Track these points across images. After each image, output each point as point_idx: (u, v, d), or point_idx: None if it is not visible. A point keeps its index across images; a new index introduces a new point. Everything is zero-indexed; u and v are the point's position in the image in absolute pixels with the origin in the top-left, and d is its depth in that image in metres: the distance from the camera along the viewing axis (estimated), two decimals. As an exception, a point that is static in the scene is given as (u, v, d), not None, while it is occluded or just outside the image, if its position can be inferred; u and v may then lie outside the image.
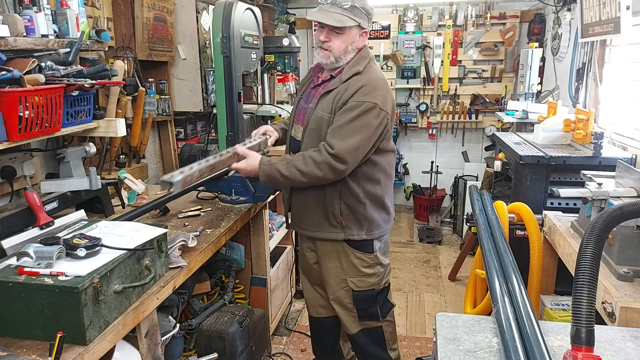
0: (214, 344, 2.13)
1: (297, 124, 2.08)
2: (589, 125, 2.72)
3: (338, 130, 1.84)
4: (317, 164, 1.82)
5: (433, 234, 4.69)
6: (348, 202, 1.98)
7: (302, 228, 2.10)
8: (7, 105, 1.52)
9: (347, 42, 1.91)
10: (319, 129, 1.91)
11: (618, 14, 2.61)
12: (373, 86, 1.88)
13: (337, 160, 1.81)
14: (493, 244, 2.00)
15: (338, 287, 2.09)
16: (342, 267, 2.06)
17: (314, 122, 1.93)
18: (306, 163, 1.83)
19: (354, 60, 1.95)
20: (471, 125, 5.06)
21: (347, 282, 2.07)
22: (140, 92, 2.52)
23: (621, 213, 1.23)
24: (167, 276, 1.61)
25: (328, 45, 1.91)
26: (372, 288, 2.09)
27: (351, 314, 2.13)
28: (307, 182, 1.89)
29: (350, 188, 1.96)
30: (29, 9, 1.77)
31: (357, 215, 2.00)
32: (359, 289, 2.07)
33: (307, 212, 2.05)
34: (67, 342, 1.20)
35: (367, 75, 1.91)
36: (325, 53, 1.93)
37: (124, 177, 2.41)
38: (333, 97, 1.90)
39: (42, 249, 1.31)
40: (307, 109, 2.02)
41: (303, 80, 2.21)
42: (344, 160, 1.81)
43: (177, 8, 2.92)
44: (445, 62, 4.91)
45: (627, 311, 1.40)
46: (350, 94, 1.85)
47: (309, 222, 2.05)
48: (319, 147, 1.85)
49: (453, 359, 1.15)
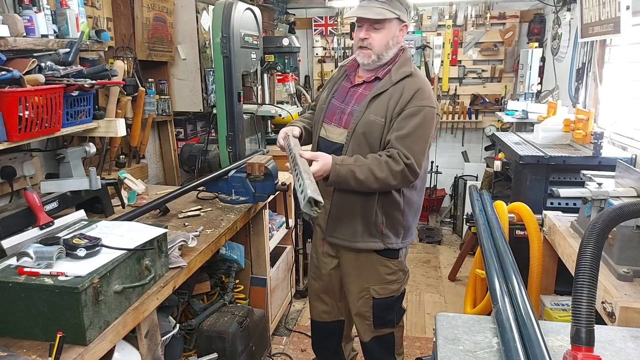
0: (214, 344, 2.13)
1: (332, 125, 1.96)
2: (588, 125, 2.72)
3: (404, 139, 1.76)
4: (394, 172, 1.75)
5: (433, 234, 4.69)
6: (389, 211, 1.92)
7: (340, 238, 1.99)
8: (7, 106, 1.52)
9: (388, 37, 1.83)
10: (370, 133, 1.83)
11: (618, 13, 2.61)
12: (428, 89, 1.83)
13: (411, 171, 1.76)
14: (493, 244, 2.00)
15: (357, 296, 2.05)
16: (366, 274, 2.01)
17: (363, 126, 1.83)
18: (382, 169, 1.74)
19: (402, 60, 1.89)
20: (471, 125, 5.06)
21: (370, 290, 2.03)
22: (140, 92, 2.52)
23: (621, 213, 1.23)
24: (167, 276, 1.61)
25: (368, 43, 1.83)
26: (392, 295, 2.06)
27: (366, 322, 2.09)
28: (377, 189, 1.82)
29: (392, 196, 1.90)
30: (29, 9, 1.77)
31: (395, 223, 1.95)
32: (379, 297, 2.03)
33: (349, 221, 1.95)
34: (67, 342, 1.20)
35: (419, 77, 1.86)
36: (366, 52, 1.85)
37: (124, 177, 2.41)
38: (387, 101, 1.81)
39: (42, 249, 1.31)
40: (349, 110, 1.92)
41: (333, 77, 2.10)
42: (416, 171, 1.78)
43: (177, 8, 2.92)
44: (445, 62, 4.91)
45: (627, 311, 1.40)
46: (407, 98, 1.78)
47: (349, 232, 1.95)
48: (391, 154, 1.75)
49: (453, 359, 1.15)
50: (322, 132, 2.00)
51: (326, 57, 5.12)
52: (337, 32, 5.02)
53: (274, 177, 2.42)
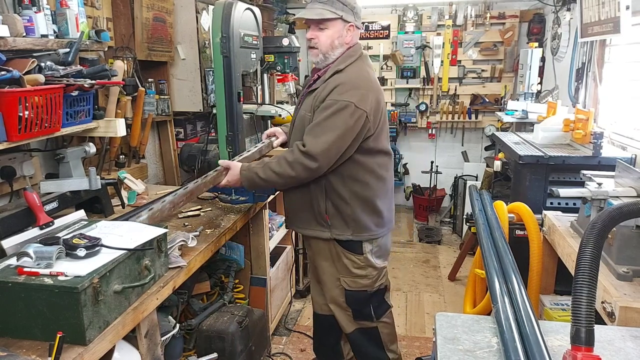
0: (213, 344, 2.13)
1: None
2: (588, 125, 2.72)
3: (312, 129, 1.85)
4: (290, 163, 1.84)
5: (433, 234, 4.70)
6: (334, 202, 1.99)
7: (295, 225, 2.16)
8: (7, 106, 1.52)
9: (333, 37, 1.91)
10: (302, 128, 1.93)
11: (617, 13, 2.61)
12: (352, 84, 1.86)
13: (309, 159, 1.82)
14: (493, 244, 2.00)
15: (332, 285, 2.12)
16: (335, 266, 2.09)
17: (298, 121, 1.99)
18: (280, 164, 1.86)
19: (341, 59, 1.95)
20: (471, 125, 5.06)
21: (340, 281, 2.09)
22: (139, 92, 2.52)
23: (621, 213, 1.23)
24: (167, 276, 1.61)
25: (315, 42, 1.93)
26: (365, 289, 2.09)
27: (346, 313, 2.15)
28: (284, 183, 1.92)
29: (335, 188, 1.97)
30: (29, 9, 1.77)
31: (343, 215, 1.99)
32: (351, 289, 2.09)
33: (297, 210, 2.10)
34: (67, 342, 1.20)
35: (347, 74, 1.90)
36: (314, 51, 1.96)
37: (124, 177, 2.41)
38: (313, 96, 1.93)
39: (42, 249, 1.31)
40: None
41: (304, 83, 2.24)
42: (315, 158, 1.81)
43: (177, 8, 2.92)
44: (445, 62, 4.91)
45: (626, 311, 1.40)
46: (327, 92, 1.86)
47: (299, 220, 2.11)
48: (292, 147, 1.89)
49: (452, 358, 1.15)
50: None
51: (326, 57, 5.12)
52: (337, 32, 5.01)
53: (273, 177, 2.42)
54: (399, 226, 5.03)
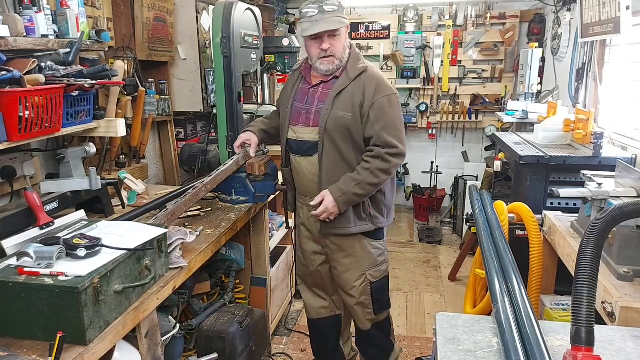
0: (214, 344, 2.13)
1: (300, 126, 2.07)
2: (588, 125, 2.72)
3: (387, 129, 1.93)
4: (386, 170, 1.95)
5: (433, 234, 4.70)
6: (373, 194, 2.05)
7: (336, 227, 2.07)
8: (7, 106, 1.52)
9: (343, 42, 1.98)
10: (339, 128, 1.95)
11: (618, 14, 2.61)
12: (382, 78, 1.99)
13: (400, 157, 1.96)
14: (493, 244, 2.00)
15: (358, 283, 2.14)
16: (361, 262, 2.12)
17: (332, 122, 1.95)
18: (376, 175, 1.93)
19: (353, 58, 2.01)
20: (471, 126, 5.06)
21: (367, 276, 2.13)
22: (140, 92, 2.52)
23: (621, 213, 1.23)
24: (167, 276, 1.61)
25: (332, 51, 1.94)
26: (384, 276, 2.21)
27: (367, 310, 2.19)
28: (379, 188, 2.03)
29: None
30: (29, 9, 1.77)
31: (379, 204, 2.08)
32: (375, 280, 2.16)
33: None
34: (67, 342, 1.20)
35: (372, 71, 2.00)
36: (330, 59, 1.96)
37: (124, 177, 2.41)
38: (350, 97, 1.95)
39: (42, 249, 1.31)
40: (314, 109, 2.02)
41: (289, 81, 2.20)
42: (403, 153, 1.97)
43: (177, 8, 2.92)
44: (445, 62, 4.91)
45: (627, 311, 1.40)
46: (372, 92, 1.93)
47: (342, 221, 2.05)
48: (377, 154, 1.93)
49: (453, 359, 1.15)
50: (291, 134, 2.10)
51: (326, 57, 5.12)
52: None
53: (274, 177, 2.42)
54: (400, 226, 5.03)
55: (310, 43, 1.96)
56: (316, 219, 2.03)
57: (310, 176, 2.08)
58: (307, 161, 2.06)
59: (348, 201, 1.95)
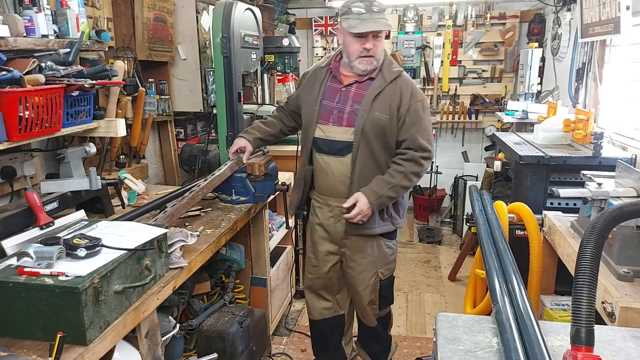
0: (214, 344, 2.13)
1: (330, 124, 2.04)
2: (588, 125, 2.72)
3: (420, 132, 1.98)
4: (418, 173, 2.00)
5: (433, 234, 4.70)
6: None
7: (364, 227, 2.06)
8: (7, 106, 1.52)
9: (383, 44, 2.00)
10: (376, 129, 1.97)
11: (618, 14, 2.61)
12: (414, 83, 2.05)
13: (429, 159, 2.02)
14: (493, 244, 2.00)
15: (371, 282, 2.17)
16: (375, 260, 2.15)
17: (370, 123, 1.96)
18: (408, 178, 1.98)
19: (387, 61, 2.04)
20: (471, 126, 5.06)
21: (378, 274, 2.18)
22: (140, 92, 2.52)
23: (621, 213, 1.23)
24: (168, 276, 1.61)
25: (373, 52, 1.95)
26: (392, 274, 2.26)
27: (373, 306, 2.23)
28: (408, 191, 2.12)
29: None
30: (29, 9, 1.77)
31: (397, 204, 2.12)
32: (384, 277, 2.20)
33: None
34: (68, 342, 1.20)
35: (406, 75, 2.05)
36: (369, 60, 1.97)
37: (124, 177, 2.41)
38: (388, 99, 1.97)
39: (43, 249, 1.31)
40: (347, 109, 2.01)
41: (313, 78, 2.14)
42: (431, 156, 2.04)
43: (177, 8, 2.92)
44: (445, 62, 4.91)
45: (627, 311, 1.40)
46: (408, 96, 1.97)
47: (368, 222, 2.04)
48: (410, 157, 1.97)
49: (453, 359, 1.15)
50: (318, 132, 2.06)
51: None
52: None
53: (273, 177, 2.42)
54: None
55: (353, 40, 1.94)
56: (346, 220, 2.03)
57: (339, 177, 2.05)
58: (338, 161, 2.04)
59: (381, 204, 1.98)
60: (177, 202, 1.99)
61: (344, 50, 2.02)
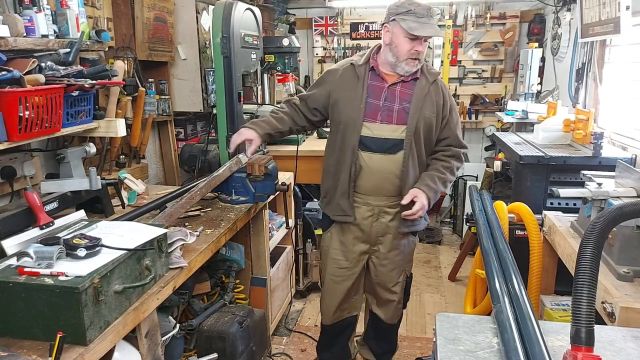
0: (214, 344, 2.13)
1: (378, 122, 2.03)
2: (588, 125, 2.72)
3: (457, 129, 2.13)
4: (458, 169, 2.16)
5: (433, 234, 4.69)
6: None
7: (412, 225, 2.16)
8: (7, 106, 1.52)
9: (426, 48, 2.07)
10: (426, 127, 2.05)
11: (618, 14, 2.61)
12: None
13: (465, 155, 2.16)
14: (493, 244, 2.00)
15: (400, 278, 2.27)
16: (404, 257, 2.24)
17: (422, 121, 2.03)
18: (454, 172, 2.13)
19: (425, 63, 2.11)
20: (471, 126, 5.06)
21: (405, 271, 2.28)
22: (140, 92, 2.52)
23: (621, 213, 1.23)
24: (168, 276, 1.61)
25: (421, 55, 2.00)
26: (411, 272, 2.36)
27: (399, 305, 2.32)
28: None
29: None
30: (29, 9, 1.77)
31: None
32: (408, 275, 2.32)
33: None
34: (68, 342, 1.20)
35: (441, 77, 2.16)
36: (416, 62, 2.01)
37: (124, 177, 2.41)
38: (433, 99, 2.05)
39: (42, 249, 1.31)
40: (396, 107, 2.03)
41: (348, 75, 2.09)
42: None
43: (177, 8, 2.92)
44: (445, 62, 4.91)
45: (627, 311, 1.40)
46: (447, 96, 2.10)
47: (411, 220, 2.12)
48: (454, 154, 2.12)
49: (453, 359, 1.15)
50: (365, 131, 2.03)
51: (326, 57, 5.12)
52: (337, 33, 5.02)
53: (273, 177, 2.42)
54: (399, 226, 5.02)
55: (406, 41, 1.94)
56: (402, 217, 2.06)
57: (386, 174, 2.05)
58: (387, 159, 2.03)
59: (435, 199, 2.06)
60: (177, 202, 1.99)
61: (389, 49, 1.99)
